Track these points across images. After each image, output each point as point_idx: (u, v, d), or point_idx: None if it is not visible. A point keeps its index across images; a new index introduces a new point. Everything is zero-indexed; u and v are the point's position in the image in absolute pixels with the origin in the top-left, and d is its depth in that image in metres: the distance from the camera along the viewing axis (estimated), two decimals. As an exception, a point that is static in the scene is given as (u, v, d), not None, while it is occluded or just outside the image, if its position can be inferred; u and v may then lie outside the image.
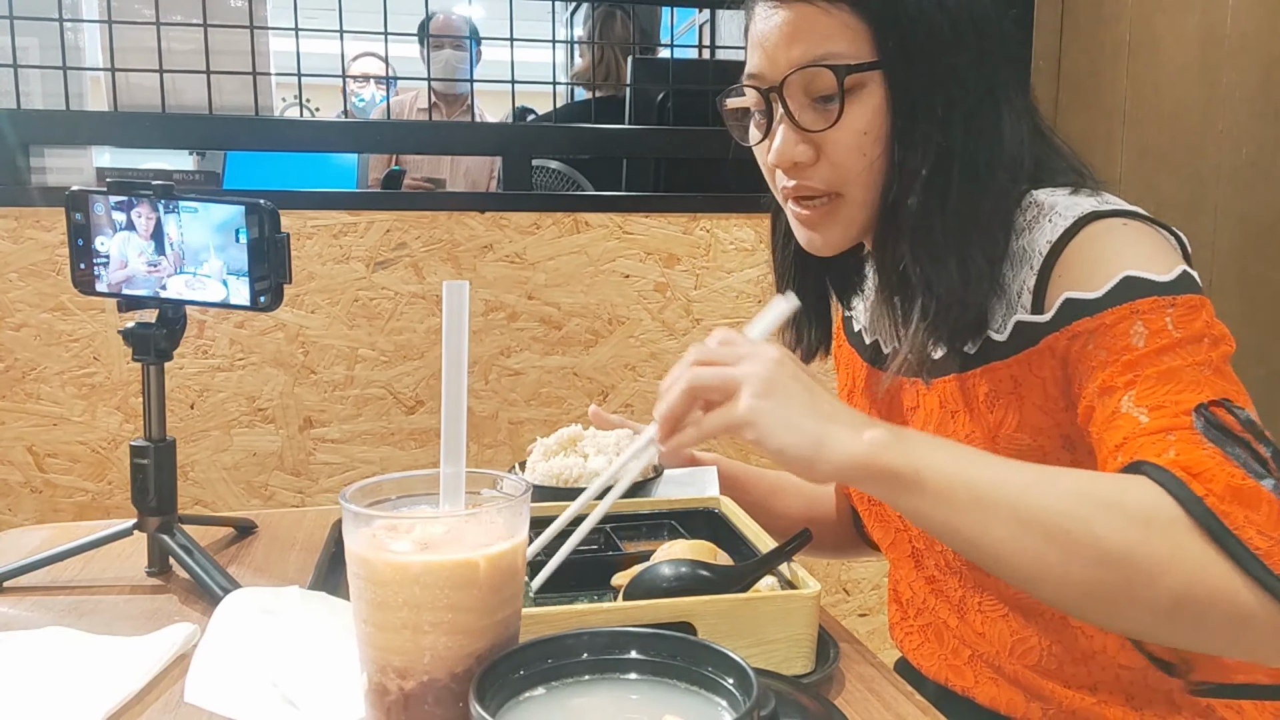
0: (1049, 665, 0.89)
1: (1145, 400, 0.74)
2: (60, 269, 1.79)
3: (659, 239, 2.01)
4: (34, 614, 0.93)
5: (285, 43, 1.97)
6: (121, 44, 1.92)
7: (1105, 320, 0.78)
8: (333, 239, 1.88)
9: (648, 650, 0.56)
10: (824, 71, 0.84)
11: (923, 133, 0.84)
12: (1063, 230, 0.82)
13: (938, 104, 0.84)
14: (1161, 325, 0.76)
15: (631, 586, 0.82)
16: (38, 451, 1.82)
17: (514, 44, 2.01)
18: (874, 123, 0.85)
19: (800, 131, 0.86)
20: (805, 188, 0.88)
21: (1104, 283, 0.79)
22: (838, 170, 0.86)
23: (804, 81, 0.85)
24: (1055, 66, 2.28)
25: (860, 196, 0.87)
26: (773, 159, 0.88)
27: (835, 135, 0.85)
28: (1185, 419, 0.71)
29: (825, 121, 0.85)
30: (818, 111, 0.86)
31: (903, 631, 1.05)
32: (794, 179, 0.88)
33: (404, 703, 0.58)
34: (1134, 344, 0.76)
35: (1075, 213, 0.83)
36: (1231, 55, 1.91)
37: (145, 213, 0.97)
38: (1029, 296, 0.83)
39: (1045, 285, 0.82)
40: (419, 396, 1.94)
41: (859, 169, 0.86)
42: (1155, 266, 0.78)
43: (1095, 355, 0.78)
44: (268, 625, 0.83)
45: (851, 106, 0.84)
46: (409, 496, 0.64)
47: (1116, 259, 0.79)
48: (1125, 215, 0.83)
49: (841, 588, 2.17)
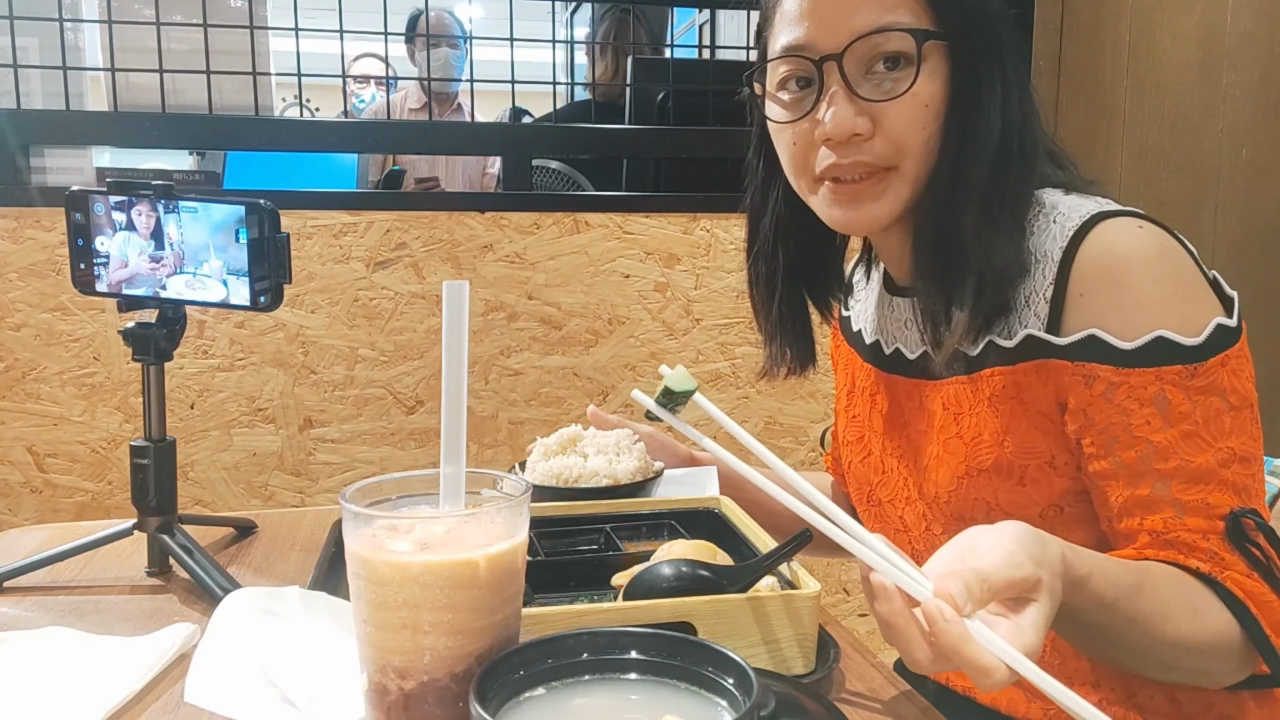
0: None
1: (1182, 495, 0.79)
2: (60, 269, 1.79)
3: (659, 239, 2.01)
4: (34, 614, 0.93)
5: (285, 43, 1.98)
6: (121, 44, 1.92)
7: (1130, 379, 0.79)
8: (333, 239, 1.88)
9: (648, 650, 0.56)
10: (891, 38, 0.83)
11: (987, 109, 0.84)
12: (1072, 232, 0.82)
13: (996, 82, 0.85)
14: (1181, 400, 0.79)
15: (631, 586, 0.82)
16: (38, 451, 1.82)
17: (514, 44, 2.01)
18: (936, 96, 0.85)
19: (859, 102, 0.84)
20: (860, 164, 0.86)
21: (1135, 335, 0.79)
22: (895, 143, 0.85)
23: (867, 50, 0.83)
24: (1055, 66, 2.28)
25: (913, 171, 0.86)
26: (829, 130, 0.85)
27: (897, 106, 0.84)
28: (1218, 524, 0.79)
29: (887, 92, 0.84)
30: (874, 82, 0.85)
31: None
32: (846, 154, 0.86)
33: (404, 703, 0.58)
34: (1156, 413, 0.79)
35: (1081, 213, 0.83)
36: (1231, 55, 1.91)
37: (145, 212, 0.97)
38: (1044, 306, 0.83)
39: (1063, 300, 0.82)
40: (419, 396, 1.94)
41: (918, 142, 0.85)
42: (1189, 322, 0.79)
43: (1116, 415, 0.80)
44: (268, 625, 0.83)
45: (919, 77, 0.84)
46: (409, 496, 0.64)
47: (1149, 306, 0.79)
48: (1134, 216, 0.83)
49: (841, 588, 2.17)
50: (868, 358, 1.03)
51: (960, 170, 0.85)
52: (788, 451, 2.08)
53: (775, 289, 1.01)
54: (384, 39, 2.02)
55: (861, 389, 1.04)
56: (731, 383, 2.06)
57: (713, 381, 2.05)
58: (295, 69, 1.94)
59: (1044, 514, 0.87)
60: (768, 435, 2.08)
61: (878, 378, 1.01)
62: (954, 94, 0.85)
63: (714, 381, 2.05)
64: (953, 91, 0.85)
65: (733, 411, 2.06)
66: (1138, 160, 2.10)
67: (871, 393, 1.02)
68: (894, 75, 0.84)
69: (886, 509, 1.01)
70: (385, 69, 4.04)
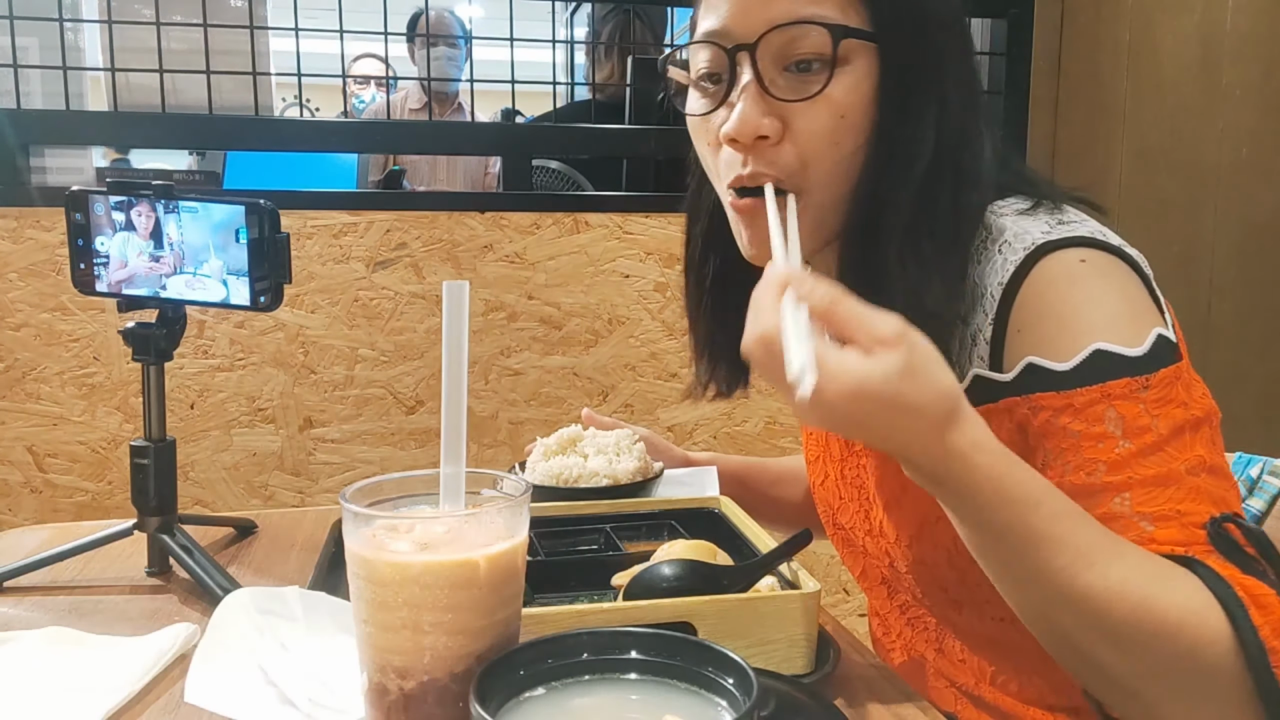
0: (1029, 695, 0.86)
1: (1146, 506, 0.69)
2: (60, 269, 1.79)
3: (659, 239, 2.01)
4: (34, 614, 0.93)
5: (285, 43, 1.98)
6: (121, 44, 1.92)
7: (1074, 401, 0.71)
8: (333, 239, 1.88)
9: (648, 650, 0.56)
10: (811, 31, 0.73)
11: (917, 128, 0.76)
12: (1015, 267, 0.75)
13: (932, 99, 0.76)
14: (1138, 414, 0.70)
15: (631, 586, 0.82)
16: (38, 451, 1.82)
17: (514, 44, 2.01)
18: (855, 106, 0.75)
19: (769, 100, 0.75)
20: (760, 175, 0.76)
21: (1072, 353, 0.72)
22: (802, 155, 0.76)
23: (783, 41, 0.74)
24: (1055, 66, 2.29)
25: (821, 196, 0.77)
26: (731, 128, 0.76)
27: (810, 111, 0.75)
28: (1199, 533, 0.68)
29: (800, 91, 0.74)
30: (790, 80, 0.75)
31: (884, 648, 1.01)
32: (750, 161, 0.76)
33: (404, 703, 0.58)
34: (1109, 431, 0.70)
35: (1024, 244, 0.75)
36: (1231, 55, 1.91)
37: (145, 212, 0.97)
38: (985, 347, 0.76)
39: (1003, 338, 0.75)
40: (419, 396, 1.94)
41: (829, 160, 0.76)
42: (1126, 334, 0.72)
43: (1065, 439, 0.72)
44: (268, 625, 0.83)
45: (836, 79, 0.74)
46: (409, 496, 0.64)
47: (1082, 322, 0.72)
48: (1080, 244, 0.75)
49: (841, 588, 2.17)
50: None
51: (882, 196, 0.76)
52: (788, 452, 2.08)
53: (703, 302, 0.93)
54: (384, 39, 2.02)
55: None
56: (731, 383, 2.06)
57: (713, 381, 2.05)
58: (295, 69, 1.94)
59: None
60: (768, 435, 2.08)
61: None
62: (881, 109, 0.76)
63: (714, 381, 2.05)
64: (880, 106, 0.76)
65: (733, 411, 2.06)
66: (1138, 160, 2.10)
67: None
68: (811, 76, 0.75)
69: (849, 534, 0.97)
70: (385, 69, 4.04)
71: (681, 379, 2.03)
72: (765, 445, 2.08)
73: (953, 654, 0.91)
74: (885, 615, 0.99)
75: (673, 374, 2.03)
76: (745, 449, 2.07)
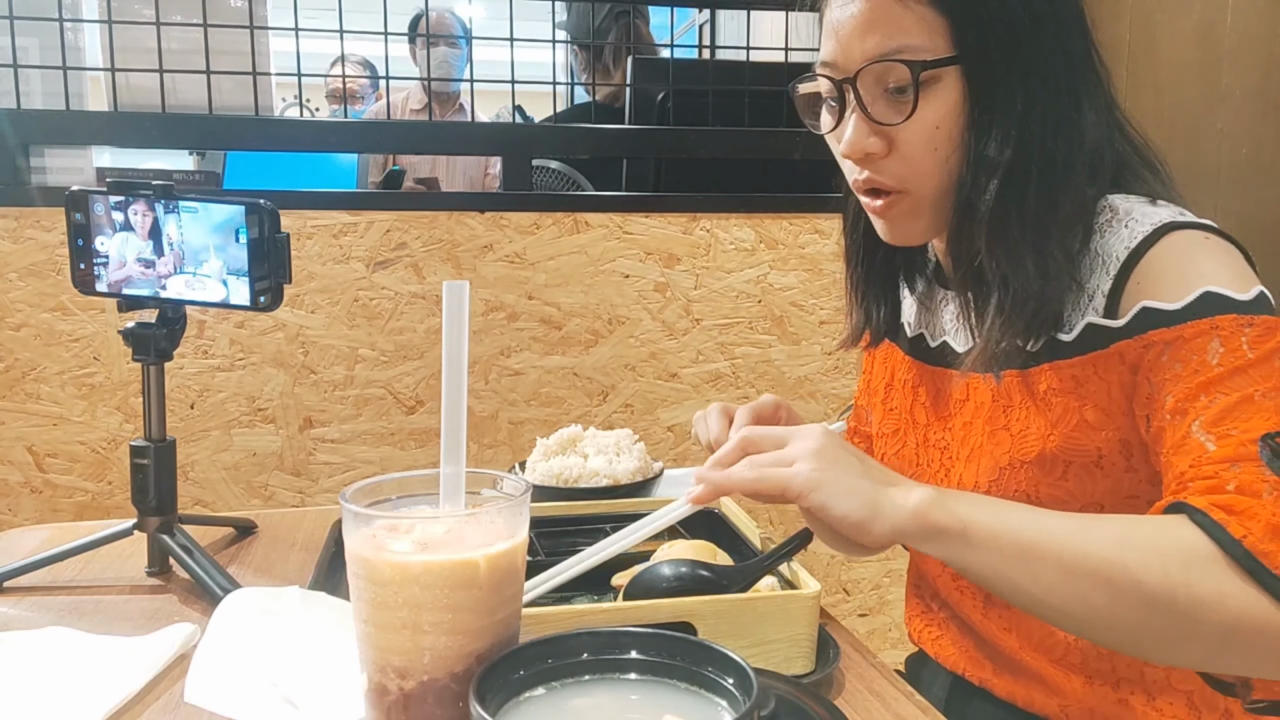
0: (1073, 659, 0.89)
1: (1214, 427, 0.74)
2: (60, 269, 1.79)
3: (659, 239, 2.01)
4: (34, 614, 0.93)
5: (285, 43, 1.98)
6: (121, 44, 1.92)
7: (1183, 333, 0.77)
8: (333, 239, 1.88)
9: (648, 650, 0.56)
10: (894, 67, 0.83)
11: (1001, 128, 0.83)
12: (1141, 238, 0.82)
13: (1016, 99, 0.83)
14: (1237, 345, 0.75)
15: (631, 586, 0.82)
16: (38, 451, 1.82)
17: (514, 44, 2.01)
18: (948, 118, 0.84)
19: (871, 123, 0.85)
20: (874, 181, 0.87)
21: (1184, 295, 0.78)
22: (908, 164, 0.86)
23: (878, 74, 0.84)
24: (1055, 66, 2.28)
25: (929, 193, 0.87)
26: (844, 149, 0.87)
27: (907, 129, 0.84)
28: (1251, 448, 0.72)
29: (898, 115, 0.84)
30: (891, 104, 0.85)
31: (922, 623, 1.04)
32: (865, 171, 0.88)
33: (404, 703, 0.58)
34: (1209, 361, 0.76)
35: (1154, 221, 0.82)
36: (1231, 55, 1.91)
37: (145, 212, 0.97)
38: (1102, 300, 0.82)
39: (1121, 291, 0.82)
40: (419, 396, 1.94)
41: (930, 164, 0.85)
42: (1236, 284, 0.78)
43: (1169, 368, 0.78)
44: (268, 625, 0.83)
45: (925, 101, 0.83)
46: (409, 496, 0.64)
47: (1198, 273, 0.79)
48: (1205, 229, 0.82)
49: (841, 588, 2.17)
50: (910, 351, 1.03)
51: (972, 195, 0.85)
52: (788, 451, 2.08)
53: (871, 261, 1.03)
54: (384, 39, 2.02)
55: (902, 382, 1.03)
56: (731, 383, 2.06)
57: (713, 381, 2.05)
58: (295, 69, 1.94)
59: (1084, 510, 0.85)
60: (768, 435, 2.08)
61: (920, 371, 1.00)
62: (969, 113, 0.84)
63: (714, 381, 2.05)
64: (968, 111, 0.84)
65: (733, 411, 2.06)
66: (1138, 160, 2.09)
67: (913, 385, 1.01)
68: (904, 99, 0.84)
69: None
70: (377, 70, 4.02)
71: (682, 379, 2.04)
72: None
73: (998, 621, 0.93)
74: (935, 580, 1.01)
75: (673, 374, 2.03)
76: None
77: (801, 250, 2.05)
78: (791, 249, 2.05)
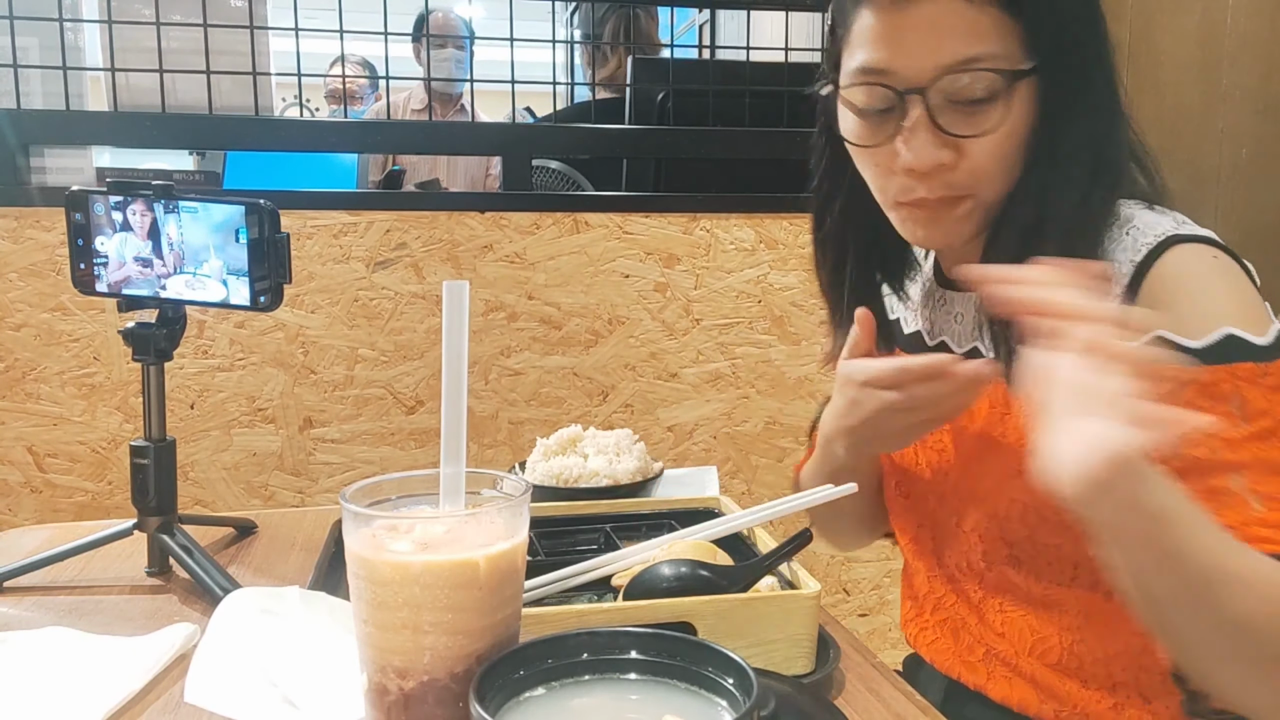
0: (1069, 664, 0.88)
1: (1260, 487, 0.73)
2: (60, 269, 1.79)
3: (659, 239, 2.01)
4: (34, 614, 0.93)
5: (285, 43, 1.97)
6: (121, 44, 1.92)
7: (1201, 377, 0.76)
8: (333, 239, 1.88)
9: (648, 650, 0.56)
10: (981, 77, 0.79)
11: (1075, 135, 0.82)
12: (1147, 250, 0.80)
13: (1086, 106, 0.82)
14: (1258, 398, 0.75)
15: (631, 586, 0.82)
16: (38, 451, 1.82)
17: (514, 44, 2.01)
18: (1018, 126, 0.82)
19: (943, 135, 0.81)
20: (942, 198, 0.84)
21: (1204, 333, 0.77)
22: (975, 174, 0.83)
23: (953, 83, 0.80)
24: (1055, 66, 2.28)
25: (990, 197, 0.85)
26: (911, 163, 0.82)
27: (982, 141, 0.81)
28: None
29: (971, 126, 0.80)
30: (960, 114, 0.81)
31: (917, 627, 1.04)
32: (928, 185, 0.83)
33: (404, 703, 0.58)
34: (1230, 410, 0.75)
35: (1156, 231, 0.81)
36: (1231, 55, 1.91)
37: (145, 212, 0.97)
38: None
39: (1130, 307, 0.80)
40: (419, 396, 1.94)
41: (998, 172, 0.83)
42: (1254, 324, 0.77)
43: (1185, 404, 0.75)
44: (268, 625, 0.83)
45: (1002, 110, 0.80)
46: (409, 496, 0.64)
47: (1215, 308, 0.78)
48: (1208, 243, 0.81)
49: (841, 588, 2.17)
50: (906, 348, 1.01)
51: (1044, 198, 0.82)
52: (788, 452, 2.08)
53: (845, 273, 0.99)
54: (384, 39, 2.02)
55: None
56: (731, 383, 2.06)
57: (713, 381, 2.05)
58: (295, 69, 1.94)
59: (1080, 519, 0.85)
60: (768, 435, 2.08)
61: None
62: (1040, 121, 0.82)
63: (714, 381, 2.05)
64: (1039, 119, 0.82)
65: (732, 412, 2.06)
66: (1138, 160, 2.10)
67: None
68: (980, 110, 0.80)
69: (914, 502, 1.00)
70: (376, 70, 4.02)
71: (682, 379, 2.04)
72: (765, 445, 2.08)
73: (994, 624, 0.92)
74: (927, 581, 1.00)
75: (673, 374, 2.03)
76: (745, 449, 2.08)
77: (801, 250, 2.05)
78: (791, 249, 2.05)
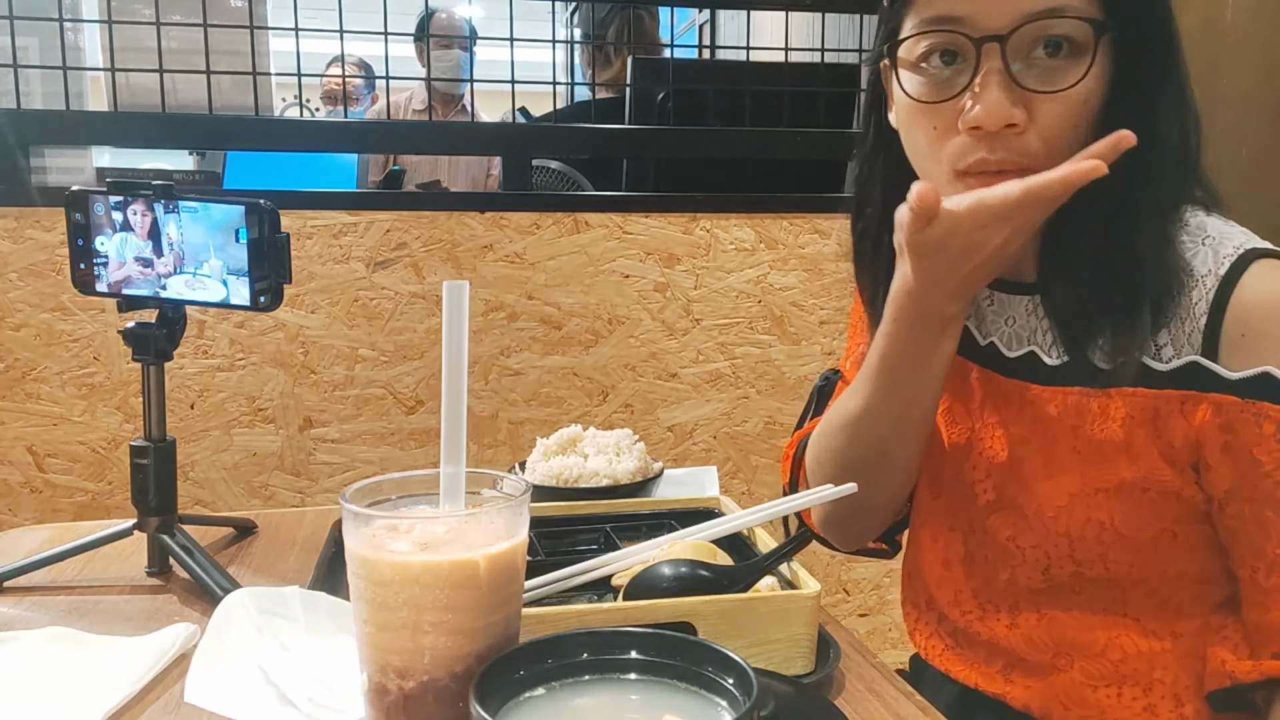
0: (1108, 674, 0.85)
1: None
2: (60, 269, 1.79)
3: (659, 239, 2.01)
4: (34, 614, 0.93)
5: (285, 43, 1.97)
6: (121, 44, 1.92)
7: None
8: (333, 239, 1.88)
9: (648, 650, 0.56)
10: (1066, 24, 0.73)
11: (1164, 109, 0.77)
12: (1229, 264, 0.77)
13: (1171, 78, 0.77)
14: None
15: (631, 586, 0.82)
16: (38, 451, 1.82)
17: (514, 44, 2.01)
18: (1096, 92, 0.76)
19: (1019, 90, 0.74)
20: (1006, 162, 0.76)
21: None
22: (1048, 141, 0.75)
23: (1034, 32, 0.74)
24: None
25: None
26: (979, 118, 0.75)
27: (1056, 100, 0.75)
28: None
29: (1050, 82, 0.74)
30: (1038, 69, 0.75)
31: (923, 636, 0.99)
32: (996, 148, 0.76)
33: (404, 703, 0.58)
34: None
35: (1235, 243, 0.78)
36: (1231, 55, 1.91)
37: (145, 212, 0.97)
38: (1199, 337, 0.77)
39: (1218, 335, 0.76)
40: (419, 396, 1.94)
41: (1069, 141, 0.75)
42: None
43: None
44: (268, 625, 0.83)
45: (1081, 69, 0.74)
46: (409, 496, 0.64)
47: None
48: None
49: (841, 588, 2.17)
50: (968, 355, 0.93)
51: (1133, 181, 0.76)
52: (788, 451, 2.08)
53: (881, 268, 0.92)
54: (384, 39, 2.02)
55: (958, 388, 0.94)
56: (731, 383, 2.06)
57: (713, 381, 2.05)
58: (295, 69, 1.94)
59: (1156, 538, 0.81)
60: (767, 435, 2.08)
61: (962, 365, 0.91)
62: (1119, 92, 0.77)
63: (714, 381, 2.05)
64: (1117, 89, 0.77)
65: (732, 411, 2.06)
66: (1138, 160, 2.09)
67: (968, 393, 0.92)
68: (1058, 64, 0.75)
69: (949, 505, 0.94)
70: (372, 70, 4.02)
71: (681, 379, 2.04)
72: (765, 445, 2.08)
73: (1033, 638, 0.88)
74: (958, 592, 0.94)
75: (673, 374, 2.03)
76: (745, 449, 2.08)
77: (801, 250, 2.05)
78: (791, 249, 2.05)
